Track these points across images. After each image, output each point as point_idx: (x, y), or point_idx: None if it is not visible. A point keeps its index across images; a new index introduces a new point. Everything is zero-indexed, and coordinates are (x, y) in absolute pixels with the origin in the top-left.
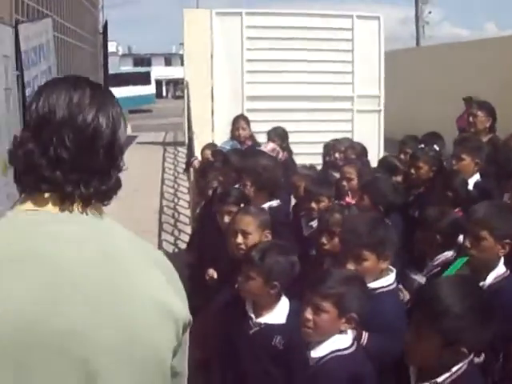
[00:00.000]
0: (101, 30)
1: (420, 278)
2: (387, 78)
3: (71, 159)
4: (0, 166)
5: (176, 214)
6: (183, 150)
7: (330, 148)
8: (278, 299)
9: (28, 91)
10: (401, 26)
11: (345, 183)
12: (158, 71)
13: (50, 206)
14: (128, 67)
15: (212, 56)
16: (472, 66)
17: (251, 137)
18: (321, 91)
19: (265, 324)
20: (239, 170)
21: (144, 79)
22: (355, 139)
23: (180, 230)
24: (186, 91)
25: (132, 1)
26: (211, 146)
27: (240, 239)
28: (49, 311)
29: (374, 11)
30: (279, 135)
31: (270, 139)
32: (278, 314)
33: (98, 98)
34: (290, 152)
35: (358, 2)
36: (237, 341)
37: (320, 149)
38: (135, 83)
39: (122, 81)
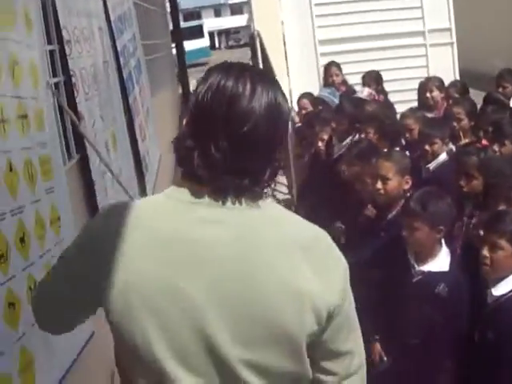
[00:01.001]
0: None
1: None
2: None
3: (226, 162)
4: (111, 141)
5: None
6: None
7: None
8: (440, 246)
9: (122, 61)
10: None
11: (455, 124)
12: (209, 23)
13: (205, 197)
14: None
15: (280, 3)
16: None
17: (344, 82)
18: (391, 28)
19: (428, 272)
20: (358, 119)
21: (197, 33)
22: (431, 74)
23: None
24: (257, 40)
25: None
26: (307, 95)
27: (379, 185)
28: (180, 280)
29: None
30: (374, 79)
31: (364, 84)
32: (441, 261)
33: (260, 91)
34: (385, 94)
35: None
36: (399, 289)
37: (397, 86)
38: (189, 38)
39: None
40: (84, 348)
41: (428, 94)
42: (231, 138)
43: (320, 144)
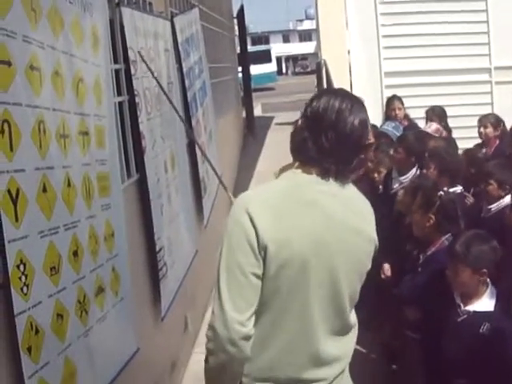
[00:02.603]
0: (235, 14)
1: None
2: None
3: (331, 149)
4: (169, 161)
5: None
6: None
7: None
8: (486, 287)
9: (186, 83)
10: None
11: None
12: (277, 48)
13: (313, 174)
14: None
15: (347, 33)
16: None
17: (406, 116)
18: (458, 64)
19: (473, 312)
20: (420, 153)
21: (265, 57)
22: (495, 112)
23: None
24: (323, 68)
25: None
26: (371, 125)
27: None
28: (319, 234)
29: None
30: (438, 114)
31: (428, 119)
32: (487, 301)
33: (356, 109)
34: (449, 131)
35: None
36: (444, 328)
37: (460, 122)
38: (257, 62)
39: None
40: (128, 363)
41: (482, 130)
42: (337, 135)
43: (376, 176)
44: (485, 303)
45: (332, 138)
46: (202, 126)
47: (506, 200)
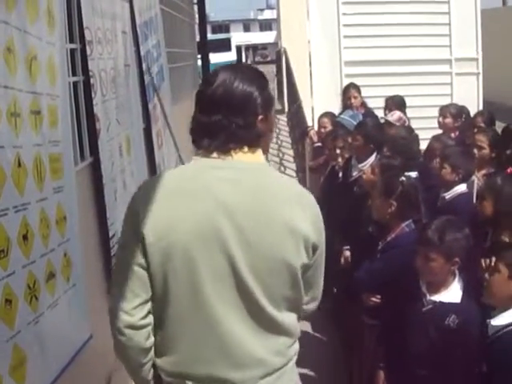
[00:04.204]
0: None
1: None
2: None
3: (227, 123)
4: (125, 145)
5: None
6: (283, 118)
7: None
8: (454, 277)
9: (144, 66)
10: None
11: (475, 151)
12: (237, 37)
13: (211, 158)
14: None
15: (308, 22)
16: None
17: (363, 104)
18: (418, 55)
19: (440, 302)
20: (378, 140)
21: (225, 46)
22: (455, 102)
23: None
24: (283, 57)
25: None
26: (328, 114)
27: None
28: (208, 222)
29: None
30: (397, 103)
31: (387, 108)
32: (454, 292)
33: (237, 79)
34: (408, 120)
35: None
36: (407, 318)
37: (420, 113)
38: (216, 50)
39: None
40: (80, 351)
41: (441, 119)
42: (227, 103)
43: (340, 160)
44: (452, 294)
45: (206, 109)
46: (159, 110)
47: (461, 188)
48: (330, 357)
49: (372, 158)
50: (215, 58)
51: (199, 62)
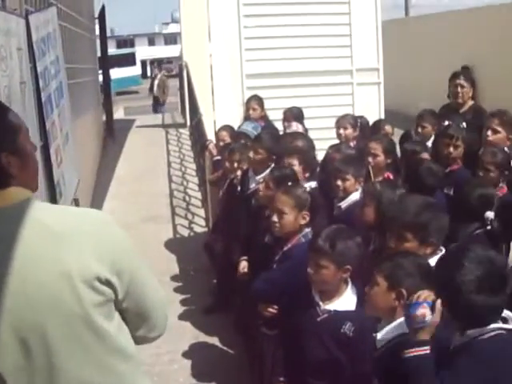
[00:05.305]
0: (96, 15)
1: None
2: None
3: None
4: None
5: (187, 198)
6: (185, 132)
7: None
8: (347, 285)
9: (41, 83)
10: None
11: (370, 159)
12: (142, 51)
13: None
14: (112, 49)
15: (210, 35)
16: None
17: (263, 117)
18: (320, 66)
19: (334, 311)
20: (278, 152)
21: (129, 60)
22: (356, 112)
23: (193, 214)
24: (184, 71)
25: None
26: (227, 127)
27: (275, 218)
28: None
29: None
30: (295, 115)
31: (285, 119)
32: (348, 300)
33: None
34: (306, 131)
35: None
36: (303, 328)
37: (322, 123)
38: (121, 65)
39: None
40: None
41: (342, 131)
42: None
43: (238, 173)
44: (346, 302)
45: None
46: (58, 127)
47: (356, 196)
48: (236, 370)
49: (268, 170)
50: (120, 72)
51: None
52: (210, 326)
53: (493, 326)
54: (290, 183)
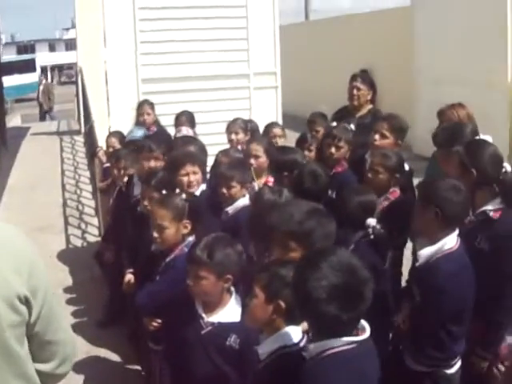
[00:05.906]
0: None
1: None
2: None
3: None
4: None
5: (80, 206)
6: (80, 139)
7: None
8: (230, 295)
9: None
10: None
11: (252, 161)
12: (43, 57)
13: None
14: (12, 55)
15: (105, 40)
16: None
17: (156, 122)
18: (217, 70)
19: (218, 323)
20: (178, 156)
21: (29, 67)
22: (253, 117)
23: (86, 223)
24: (79, 77)
25: None
26: (116, 133)
27: (156, 233)
28: None
29: None
30: (187, 120)
31: (178, 124)
32: (232, 311)
33: None
34: (195, 135)
35: None
36: (187, 342)
37: (219, 128)
38: (20, 71)
39: (6, 70)
40: None
41: (234, 137)
42: None
43: (125, 180)
44: (230, 313)
45: None
46: None
47: (244, 201)
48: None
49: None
50: (19, 79)
51: None
52: (103, 340)
53: (345, 339)
54: (164, 191)
